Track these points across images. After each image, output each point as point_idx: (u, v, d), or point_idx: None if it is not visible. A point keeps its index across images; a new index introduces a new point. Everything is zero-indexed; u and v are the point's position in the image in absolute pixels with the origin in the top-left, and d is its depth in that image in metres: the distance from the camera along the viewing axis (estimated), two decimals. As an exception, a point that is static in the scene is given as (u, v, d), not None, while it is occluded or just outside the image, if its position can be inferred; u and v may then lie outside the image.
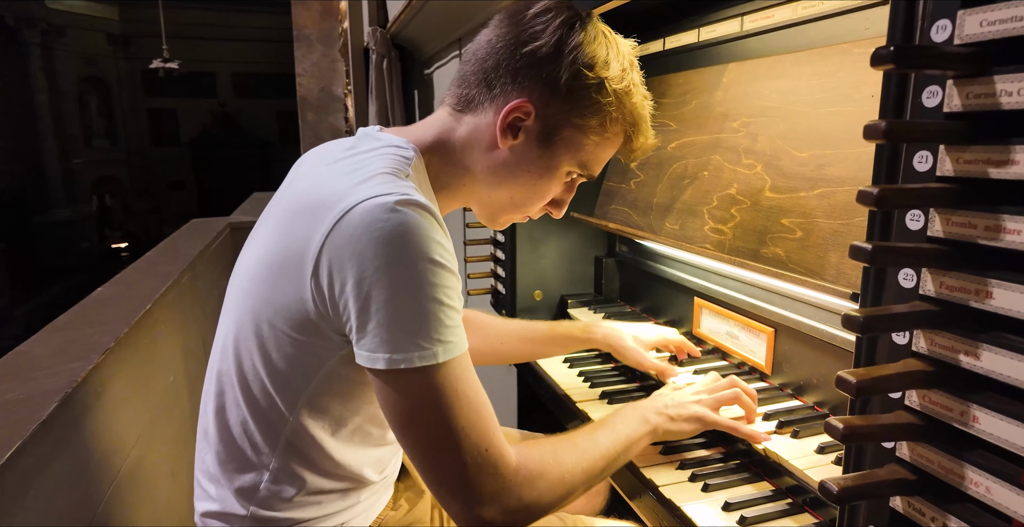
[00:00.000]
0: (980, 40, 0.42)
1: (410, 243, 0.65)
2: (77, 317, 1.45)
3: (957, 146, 0.43)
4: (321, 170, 0.78)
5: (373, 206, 0.65)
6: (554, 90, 0.77)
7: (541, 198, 0.85)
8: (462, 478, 0.67)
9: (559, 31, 0.77)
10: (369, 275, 0.64)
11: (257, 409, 0.76)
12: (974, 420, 0.44)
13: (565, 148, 0.80)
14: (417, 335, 0.65)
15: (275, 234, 0.74)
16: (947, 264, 0.44)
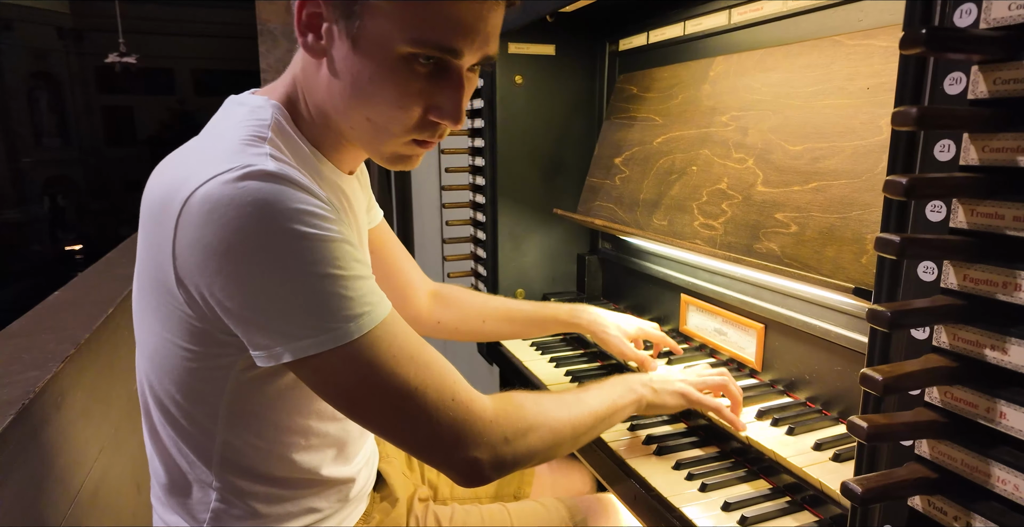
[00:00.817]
0: (1010, 24, 0.40)
1: (267, 221, 0.56)
2: (32, 323, 1.36)
3: (985, 134, 0.42)
4: (171, 158, 0.69)
5: (211, 189, 0.57)
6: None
7: (399, 106, 0.65)
8: (437, 437, 0.64)
9: None
10: (234, 271, 0.57)
11: (181, 429, 0.70)
12: (1001, 416, 0.43)
13: (376, 25, 0.62)
14: (319, 319, 0.58)
15: (142, 244, 0.67)
16: (973, 256, 0.43)
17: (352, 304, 0.60)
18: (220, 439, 0.70)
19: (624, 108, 1.32)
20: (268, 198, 0.57)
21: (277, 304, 0.58)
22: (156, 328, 0.67)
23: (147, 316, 0.69)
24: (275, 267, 0.57)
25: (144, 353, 0.72)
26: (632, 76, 1.33)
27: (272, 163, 0.60)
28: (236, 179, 0.57)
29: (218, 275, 0.58)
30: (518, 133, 1.44)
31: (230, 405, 0.68)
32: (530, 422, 0.70)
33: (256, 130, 0.65)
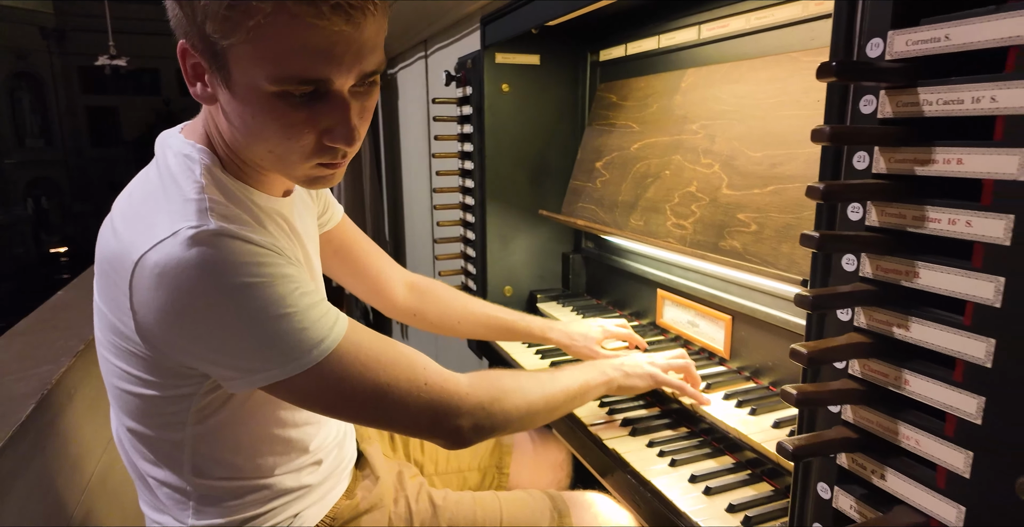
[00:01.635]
0: (907, 56, 0.49)
1: (215, 279, 0.61)
2: (38, 322, 1.42)
3: (890, 147, 0.50)
4: (120, 208, 0.73)
5: (159, 255, 0.62)
6: (185, 18, 0.65)
7: (288, 138, 0.67)
8: (416, 420, 0.73)
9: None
10: (192, 329, 0.63)
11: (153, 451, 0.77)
12: (905, 383, 0.51)
13: (241, 70, 0.63)
14: (282, 354, 0.65)
15: (99, 292, 0.73)
16: (882, 249, 0.51)
17: (310, 335, 0.65)
18: (188, 454, 0.76)
19: (604, 115, 1.41)
20: (213, 258, 0.61)
21: (240, 349, 0.64)
22: (117, 364, 0.73)
23: (108, 355, 0.74)
24: (230, 320, 0.62)
25: (110, 391, 0.78)
26: (611, 85, 1.42)
27: (212, 220, 0.64)
28: (180, 244, 0.61)
29: (179, 334, 0.63)
30: (505, 138, 1.52)
31: (196, 425, 0.74)
32: (505, 390, 0.79)
33: (191, 183, 0.69)
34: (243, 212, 0.70)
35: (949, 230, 0.47)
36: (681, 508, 0.80)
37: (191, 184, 0.69)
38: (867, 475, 0.55)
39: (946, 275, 0.47)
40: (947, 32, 0.46)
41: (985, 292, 0.45)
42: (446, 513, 0.95)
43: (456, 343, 1.94)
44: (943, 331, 0.48)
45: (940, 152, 0.47)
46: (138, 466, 0.80)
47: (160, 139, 0.79)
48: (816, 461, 0.60)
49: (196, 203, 0.66)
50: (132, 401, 0.74)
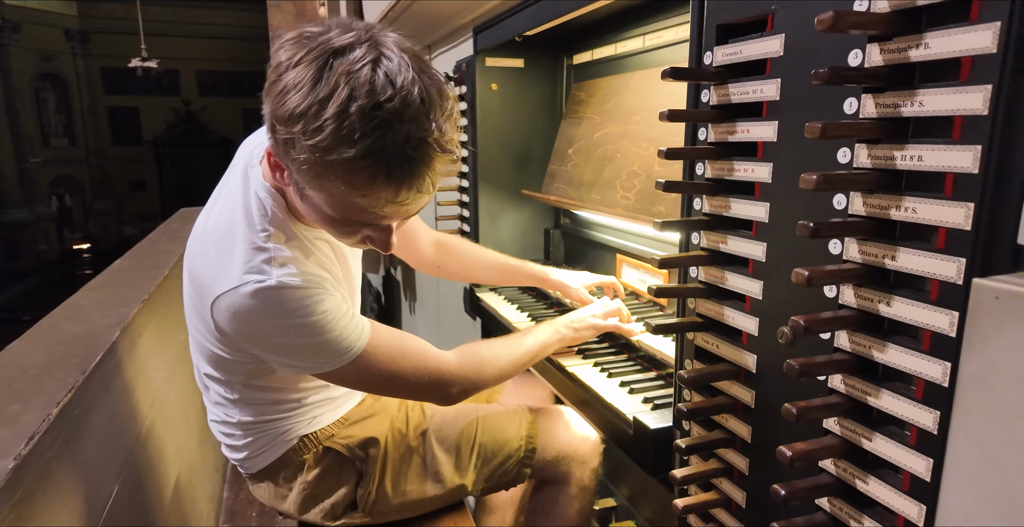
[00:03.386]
0: (724, 63, 0.75)
1: (275, 320, 0.84)
2: (106, 281, 1.71)
3: (715, 124, 0.77)
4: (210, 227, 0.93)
5: (231, 300, 0.83)
6: (276, 143, 0.76)
7: (340, 235, 0.86)
8: (426, 390, 1.01)
9: (273, 76, 0.74)
10: (258, 340, 0.88)
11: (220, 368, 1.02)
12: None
13: (316, 199, 0.79)
14: (325, 358, 0.89)
15: (191, 288, 0.96)
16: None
17: (344, 345, 0.89)
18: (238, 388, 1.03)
19: (575, 110, 1.67)
20: (272, 307, 0.83)
21: (293, 356, 0.89)
22: (200, 329, 0.98)
23: (194, 315, 0.99)
24: (286, 342, 0.87)
25: (193, 331, 1.04)
26: (582, 85, 1.68)
27: (272, 272, 0.83)
28: (247, 295, 0.82)
29: (247, 346, 0.89)
30: (494, 130, 1.79)
31: (247, 375, 1.01)
32: (483, 361, 1.06)
33: (260, 231, 0.87)
34: (299, 248, 0.90)
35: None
36: (607, 399, 1.07)
37: (260, 233, 0.88)
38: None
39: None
40: (739, 48, 0.72)
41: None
42: (436, 417, 1.22)
43: (454, 306, 2.21)
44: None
45: (739, 125, 0.73)
46: (201, 372, 1.08)
47: (245, 163, 0.96)
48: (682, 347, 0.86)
49: (261, 252, 0.85)
50: (206, 350, 1.00)
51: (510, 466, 1.22)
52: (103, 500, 1.07)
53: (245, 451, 1.09)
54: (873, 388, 0.59)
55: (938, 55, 0.52)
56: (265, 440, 1.09)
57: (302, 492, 1.10)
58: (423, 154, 0.74)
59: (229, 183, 0.98)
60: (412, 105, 0.71)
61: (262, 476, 1.12)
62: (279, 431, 1.08)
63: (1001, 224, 0.49)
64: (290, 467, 1.10)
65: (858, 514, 0.62)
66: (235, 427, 1.07)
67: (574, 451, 1.26)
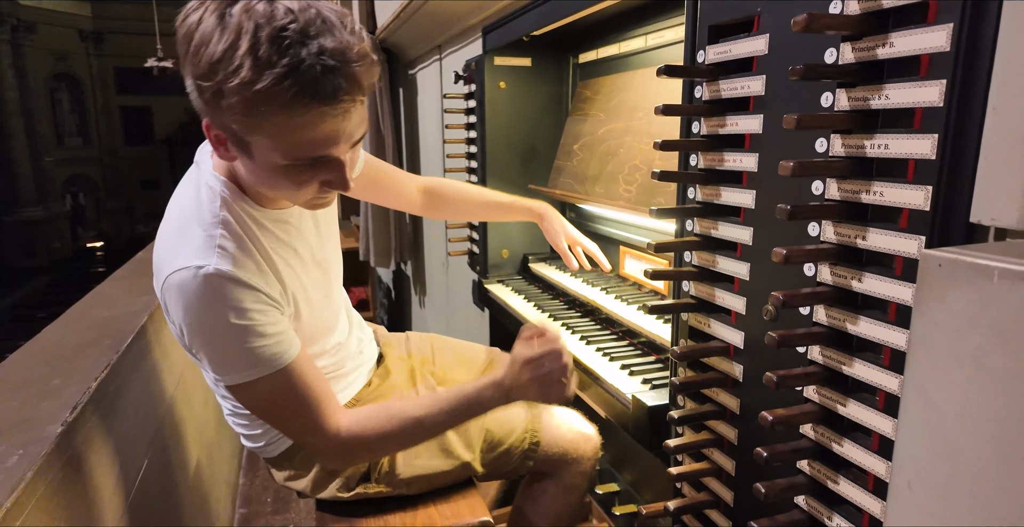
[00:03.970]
0: (715, 61, 0.81)
1: (205, 310, 0.85)
2: (130, 272, 1.79)
3: (707, 118, 0.82)
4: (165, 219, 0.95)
5: (177, 280, 0.85)
6: (205, 103, 0.78)
7: (295, 189, 0.86)
8: (303, 439, 1.00)
9: (182, 46, 0.77)
10: (186, 327, 0.87)
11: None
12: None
13: (259, 149, 0.80)
14: (232, 365, 0.89)
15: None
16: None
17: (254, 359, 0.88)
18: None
19: (581, 107, 1.73)
20: (210, 295, 0.84)
21: (213, 354, 0.89)
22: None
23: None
24: (213, 340, 0.87)
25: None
26: (587, 83, 1.74)
27: (214, 259, 0.85)
28: (190, 278, 0.84)
29: (185, 332, 0.88)
30: (503, 127, 1.85)
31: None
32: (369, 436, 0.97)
33: (210, 216, 0.89)
34: (246, 237, 0.91)
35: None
36: (608, 380, 1.13)
37: (210, 218, 0.89)
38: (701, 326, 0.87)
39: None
40: (729, 47, 0.78)
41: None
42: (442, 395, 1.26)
43: (462, 298, 2.27)
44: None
45: (729, 119, 0.79)
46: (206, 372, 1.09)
47: (199, 157, 0.99)
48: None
49: (208, 240, 0.87)
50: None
51: (514, 455, 1.26)
52: (136, 470, 1.14)
53: (263, 439, 1.14)
54: (847, 358, 0.65)
55: (902, 53, 0.57)
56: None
57: (321, 470, 1.16)
58: (342, 62, 0.75)
59: (185, 176, 1.01)
60: (315, 22, 0.75)
61: (282, 459, 1.16)
62: None
63: (955, 204, 0.55)
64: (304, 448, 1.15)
65: (834, 475, 0.68)
66: (251, 417, 1.11)
67: (576, 449, 1.29)
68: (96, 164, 19.27)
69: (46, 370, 1.02)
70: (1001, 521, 0.42)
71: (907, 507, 0.49)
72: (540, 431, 1.26)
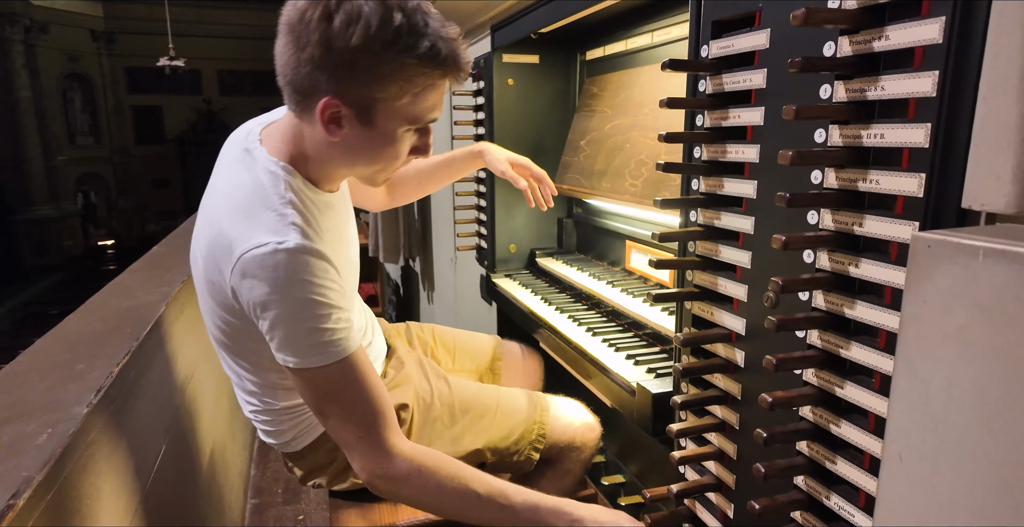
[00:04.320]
0: (719, 56, 0.83)
1: (286, 286, 0.86)
2: (147, 264, 1.83)
3: (710, 111, 0.85)
4: (221, 203, 0.95)
5: (256, 256, 0.86)
6: (344, 78, 0.85)
7: (396, 157, 0.96)
8: (349, 450, 0.95)
9: (319, 29, 0.84)
10: (262, 311, 0.88)
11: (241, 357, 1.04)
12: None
13: (386, 117, 0.89)
14: (303, 349, 0.89)
15: (204, 259, 0.96)
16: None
17: (321, 345, 0.89)
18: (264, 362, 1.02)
19: (588, 103, 1.76)
20: (292, 270, 0.86)
21: (286, 334, 0.89)
22: (213, 307, 0.99)
23: (205, 294, 1.00)
24: (290, 315, 0.88)
25: (207, 318, 1.04)
26: (594, 79, 1.76)
27: (291, 236, 0.87)
28: (269, 254, 0.85)
29: (259, 311, 0.89)
30: (510, 123, 1.87)
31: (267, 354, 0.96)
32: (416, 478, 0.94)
33: (278, 198, 0.92)
34: (308, 215, 0.93)
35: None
36: (614, 370, 1.15)
37: (278, 198, 0.92)
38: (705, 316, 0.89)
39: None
40: (731, 42, 0.80)
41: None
42: (457, 391, 1.30)
43: (471, 293, 2.30)
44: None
45: (732, 112, 0.81)
46: (232, 368, 1.11)
47: (242, 145, 1.00)
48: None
49: (280, 219, 0.90)
50: (227, 340, 1.03)
51: (523, 445, 1.28)
52: (154, 455, 1.17)
53: (289, 435, 1.14)
54: (844, 341, 0.67)
55: (897, 45, 0.60)
56: (307, 421, 1.13)
57: (341, 462, 1.16)
58: (456, 38, 0.91)
59: (226, 166, 1.02)
60: (421, 6, 0.88)
61: (306, 452, 1.17)
62: None
63: (947, 191, 0.57)
64: (331, 441, 1.12)
65: (832, 455, 0.70)
66: (277, 413, 1.12)
67: (580, 437, 1.31)
68: (107, 163, 19.45)
69: (70, 356, 1.05)
70: (984, 487, 0.44)
71: (898, 478, 0.52)
72: (547, 423, 1.28)
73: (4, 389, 0.92)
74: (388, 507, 1.16)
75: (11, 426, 0.80)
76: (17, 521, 0.66)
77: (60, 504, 0.76)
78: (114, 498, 0.95)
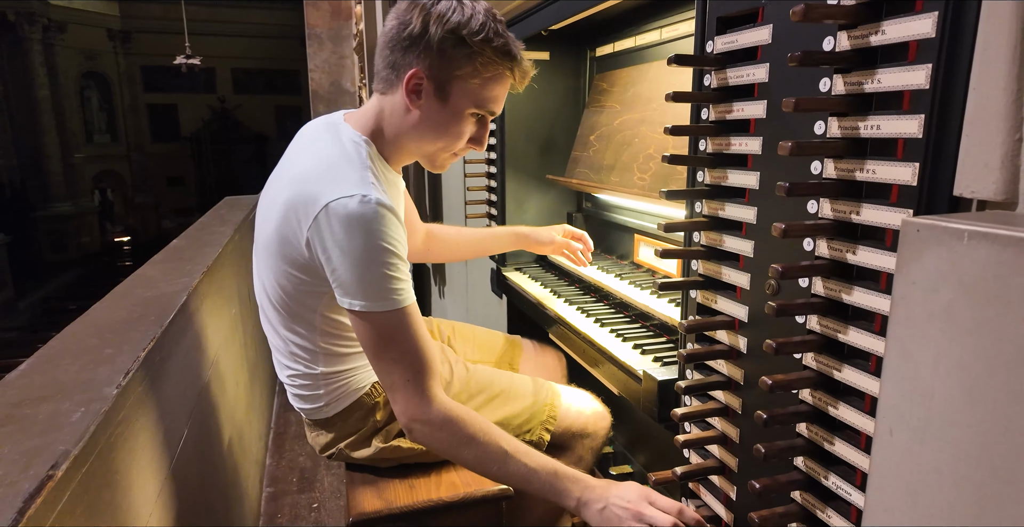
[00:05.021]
0: (723, 51, 0.86)
1: (366, 232, 0.95)
2: (168, 256, 1.88)
3: (715, 104, 0.87)
4: (304, 161, 1.08)
5: (336, 208, 0.96)
6: (432, 55, 1.02)
7: (459, 137, 1.10)
8: (399, 391, 1.02)
9: (423, 12, 1.03)
10: (337, 256, 0.97)
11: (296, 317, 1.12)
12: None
13: (458, 95, 1.05)
14: (372, 294, 0.98)
15: (280, 216, 1.04)
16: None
17: (390, 292, 0.99)
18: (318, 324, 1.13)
19: (598, 99, 1.78)
20: (372, 218, 0.96)
21: (359, 279, 0.98)
22: (281, 265, 1.07)
23: (274, 255, 1.07)
24: (367, 260, 0.97)
25: (275, 268, 1.09)
26: (604, 76, 1.79)
27: (373, 193, 0.97)
28: (357, 204, 0.96)
29: (335, 255, 0.98)
30: (521, 119, 1.90)
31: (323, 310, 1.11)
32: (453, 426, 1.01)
33: (363, 163, 1.04)
34: (385, 187, 1.05)
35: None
36: (621, 358, 1.18)
37: (359, 162, 1.05)
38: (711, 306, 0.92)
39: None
40: (735, 37, 0.83)
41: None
42: (473, 374, 1.34)
43: (482, 286, 2.34)
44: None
45: (735, 105, 0.84)
46: (279, 333, 1.18)
47: (325, 125, 1.15)
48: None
49: (364, 179, 1.01)
50: (285, 293, 1.11)
51: (534, 426, 1.32)
52: (178, 437, 1.22)
53: (324, 400, 1.20)
54: (842, 326, 0.70)
55: (892, 39, 0.62)
56: (343, 388, 1.20)
57: (370, 428, 1.23)
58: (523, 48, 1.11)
59: (308, 143, 1.14)
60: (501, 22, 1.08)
61: (334, 420, 1.23)
62: (355, 379, 1.21)
63: (940, 179, 0.59)
64: (363, 409, 1.22)
65: (830, 436, 0.73)
66: (315, 378, 1.18)
67: (593, 424, 1.36)
68: (124, 161, 19.70)
69: (98, 341, 1.10)
70: (968, 456, 0.47)
71: (889, 452, 0.54)
72: (558, 405, 1.32)
73: (40, 370, 0.96)
74: (404, 489, 1.20)
75: (47, 404, 0.85)
76: (56, 490, 0.70)
77: (94, 476, 0.80)
78: (143, 474, 1.00)
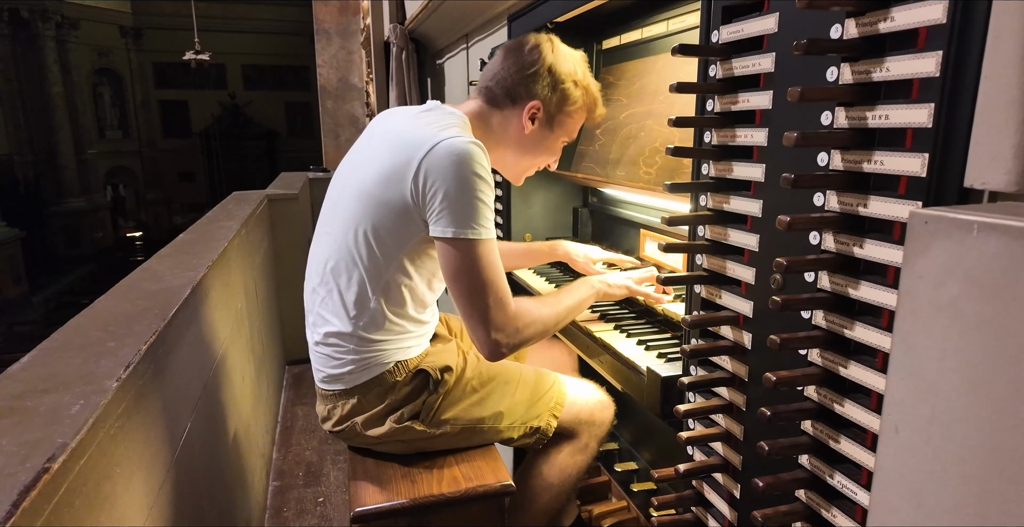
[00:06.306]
0: (728, 41, 0.84)
1: (470, 167, 1.10)
2: (175, 250, 1.89)
3: (720, 95, 0.86)
4: (410, 122, 1.23)
5: (451, 143, 1.11)
6: (550, 93, 1.28)
7: (548, 156, 1.38)
8: (485, 314, 1.13)
9: (543, 57, 1.28)
10: (446, 183, 1.10)
11: (367, 267, 1.21)
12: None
13: (560, 126, 1.32)
14: (469, 220, 1.10)
15: (383, 158, 1.18)
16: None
17: (485, 222, 1.12)
18: (386, 278, 1.21)
19: (604, 92, 1.76)
20: (477, 155, 1.11)
21: (460, 207, 1.10)
22: (377, 205, 1.17)
23: (369, 197, 1.19)
24: (469, 190, 1.10)
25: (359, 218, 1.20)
26: (610, 69, 1.77)
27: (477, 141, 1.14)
28: (464, 143, 1.11)
29: (440, 183, 1.10)
30: (527, 113, 1.89)
31: (400, 259, 1.20)
32: (533, 318, 1.19)
33: (461, 123, 1.24)
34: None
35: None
36: (625, 354, 1.17)
37: (462, 124, 1.25)
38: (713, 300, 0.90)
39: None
40: (741, 26, 0.81)
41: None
42: (487, 365, 1.35)
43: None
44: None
45: (741, 96, 0.82)
46: (339, 285, 1.24)
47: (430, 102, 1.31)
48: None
49: (467, 131, 1.23)
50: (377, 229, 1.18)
51: (542, 412, 1.34)
52: (181, 431, 1.22)
53: (350, 365, 1.26)
54: (848, 321, 0.68)
55: (901, 26, 0.60)
56: (370, 357, 1.25)
57: (386, 407, 1.27)
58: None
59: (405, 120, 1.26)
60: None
61: (355, 391, 1.28)
62: (384, 353, 1.25)
63: (950, 170, 0.58)
64: (383, 385, 1.27)
65: (835, 434, 0.71)
66: (351, 339, 1.24)
67: (598, 412, 1.39)
68: (136, 157, 19.88)
69: (102, 334, 1.10)
70: (974, 454, 0.45)
71: (895, 450, 0.53)
72: (565, 393, 1.35)
73: (42, 363, 0.97)
74: (406, 483, 1.20)
75: (49, 396, 0.85)
76: (53, 482, 0.70)
77: (94, 469, 0.80)
78: (144, 466, 1.00)
